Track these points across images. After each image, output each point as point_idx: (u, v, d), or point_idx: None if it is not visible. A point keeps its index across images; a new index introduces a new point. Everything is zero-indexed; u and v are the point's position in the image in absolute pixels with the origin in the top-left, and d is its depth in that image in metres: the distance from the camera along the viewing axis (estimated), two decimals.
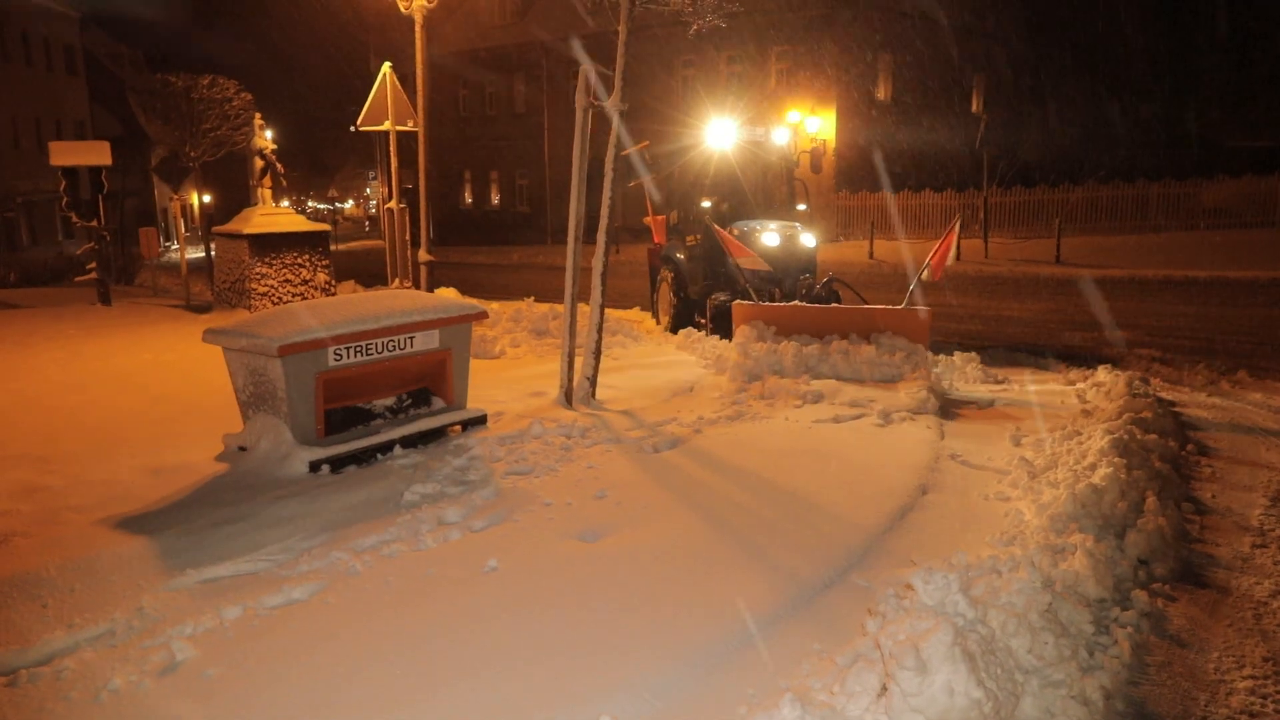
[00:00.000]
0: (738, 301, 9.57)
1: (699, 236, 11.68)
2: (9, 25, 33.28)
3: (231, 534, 4.82)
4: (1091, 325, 12.48)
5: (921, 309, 8.83)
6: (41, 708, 3.27)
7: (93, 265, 17.87)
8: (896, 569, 4.41)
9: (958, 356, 9.41)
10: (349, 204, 75.00)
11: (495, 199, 40.38)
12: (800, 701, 3.24)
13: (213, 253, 15.72)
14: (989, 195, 25.68)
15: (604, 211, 7.73)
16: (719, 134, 11.52)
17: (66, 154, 16.98)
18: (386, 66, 14.21)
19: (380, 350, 6.23)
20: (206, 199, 32.43)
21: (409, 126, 14.42)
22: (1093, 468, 5.50)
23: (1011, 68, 25.92)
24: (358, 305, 6.33)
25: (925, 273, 9.10)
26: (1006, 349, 10.55)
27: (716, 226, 10.31)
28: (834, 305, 9.90)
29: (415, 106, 14.36)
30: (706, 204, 11.61)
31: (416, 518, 5.05)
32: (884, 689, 3.26)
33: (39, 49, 35.95)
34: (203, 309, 15.65)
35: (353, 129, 14.64)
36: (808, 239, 11.20)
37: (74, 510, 5.25)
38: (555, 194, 35.44)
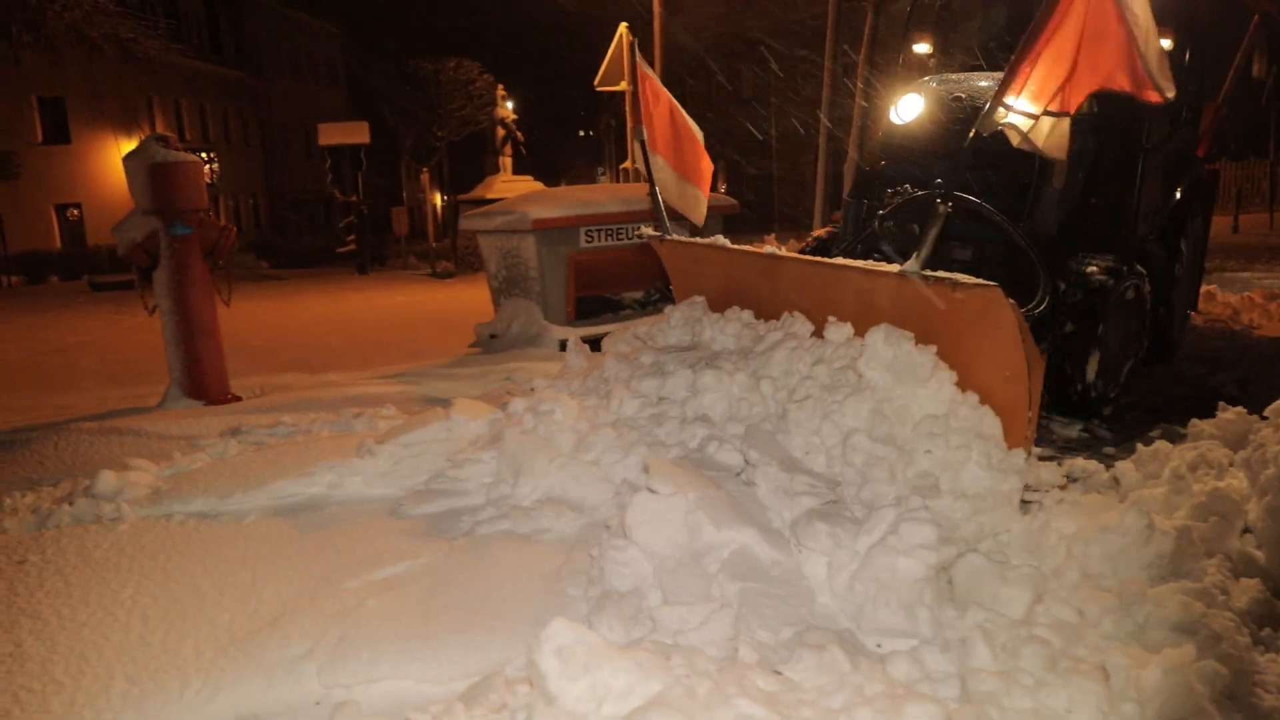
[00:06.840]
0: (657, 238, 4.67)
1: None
2: (283, 44, 36.82)
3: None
4: None
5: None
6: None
7: (352, 238, 19.22)
8: None
9: None
10: None
11: (720, 189, 40.37)
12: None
13: (455, 223, 16.47)
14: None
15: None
16: None
17: (332, 134, 18.41)
18: (623, 26, 14.29)
19: (629, 236, 6.06)
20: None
21: None
22: None
23: None
24: (609, 191, 6.21)
25: None
26: None
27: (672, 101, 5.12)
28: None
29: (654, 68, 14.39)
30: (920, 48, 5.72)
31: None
32: None
33: (305, 63, 39.47)
34: (446, 276, 16.42)
35: (596, 88, 14.79)
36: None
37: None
38: (781, 183, 34.96)
